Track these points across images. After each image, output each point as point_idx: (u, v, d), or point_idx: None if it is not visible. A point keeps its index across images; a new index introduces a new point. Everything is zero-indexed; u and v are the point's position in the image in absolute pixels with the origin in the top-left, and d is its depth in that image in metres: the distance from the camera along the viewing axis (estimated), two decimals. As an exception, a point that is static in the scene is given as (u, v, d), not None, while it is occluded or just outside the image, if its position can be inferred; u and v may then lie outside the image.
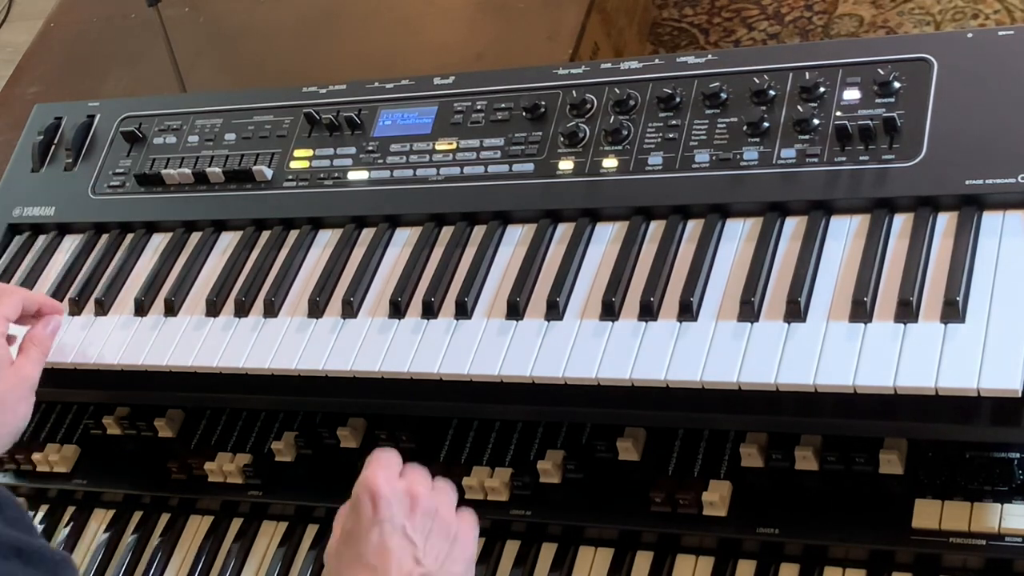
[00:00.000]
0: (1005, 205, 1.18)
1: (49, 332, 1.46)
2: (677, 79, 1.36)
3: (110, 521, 1.55)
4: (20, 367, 1.42)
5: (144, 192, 1.57)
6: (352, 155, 1.48)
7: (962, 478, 1.19)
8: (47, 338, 1.45)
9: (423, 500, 1.16)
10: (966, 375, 1.07)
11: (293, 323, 1.37)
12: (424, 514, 1.15)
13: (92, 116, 1.67)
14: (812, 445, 1.23)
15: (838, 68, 1.30)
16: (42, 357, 1.44)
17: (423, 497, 1.16)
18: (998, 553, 1.15)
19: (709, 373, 1.16)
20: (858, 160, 1.24)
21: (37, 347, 1.44)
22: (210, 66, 2.40)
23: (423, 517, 1.15)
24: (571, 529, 1.33)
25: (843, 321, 1.15)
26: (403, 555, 1.13)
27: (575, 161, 1.36)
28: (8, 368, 1.40)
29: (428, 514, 1.16)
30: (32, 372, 1.42)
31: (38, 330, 1.45)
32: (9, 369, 1.41)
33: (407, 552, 1.13)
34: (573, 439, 1.36)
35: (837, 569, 1.22)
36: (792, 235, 1.24)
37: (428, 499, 1.16)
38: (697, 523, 1.26)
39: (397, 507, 1.14)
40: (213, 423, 1.54)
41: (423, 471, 1.20)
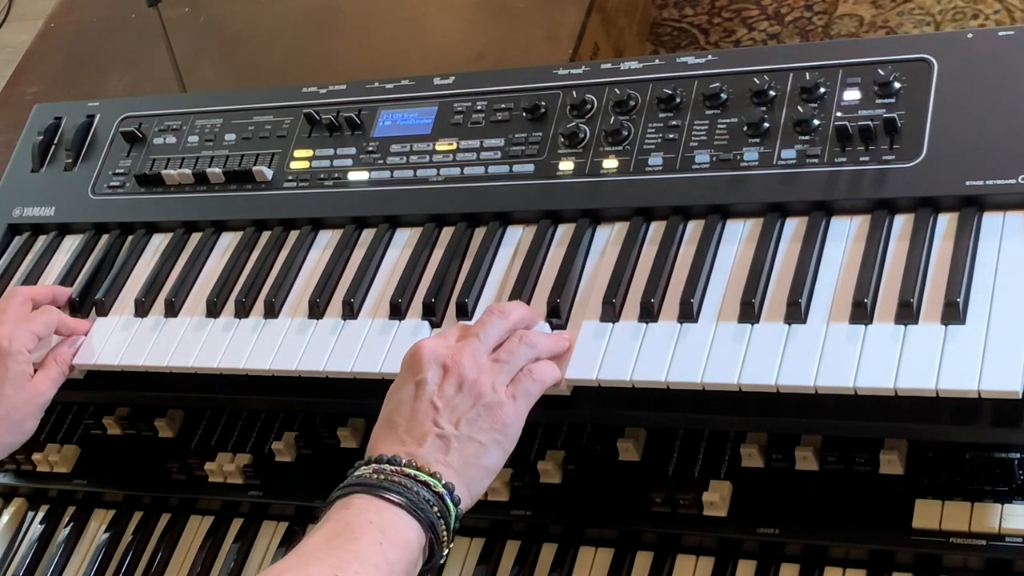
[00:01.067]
0: (1005, 206, 1.18)
1: (74, 351, 1.47)
2: (677, 79, 1.36)
3: (110, 521, 1.55)
4: (37, 383, 1.43)
5: (144, 192, 1.57)
6: (352, 155, 1.48)
7: (962, 478, 1.19)
8: (70, 357, 1.46)
9: (458, 368, 1.17)
10: (966, 377, 1.07)
11: (293, 324, 1.37)
12: (455, 381, 1.16)
13: (92, 116, 1.67)
14: (812, 445, 1.24)
15: (838, 68, 1.30)
16: (61, 377, 1.45)
17: (460, 366, 1.17)
18: (998, 553, 1.15)
19: (710, 374, 1.16)
20: (858, 161, 1.24)
21: (59, 366, 1.45)
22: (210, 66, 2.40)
23: (452, 384, 1.16)
24: (571, 529, 1.33)
25: (843, 322, 1.15)
26: (424, 416, 1.15)
27: (575, 162, 1.36)
28: (27, 383, 1.42)
29: (458, 382, 1.16)
30: (48, 390, 1.44)
31: (63, 349, 1.46)
32: (28, 384, 1.42)
33: (428, 414, 1.15)
34: (573, 439, 1.36)
35: (837, 569, 1.22)
36: (792, 236, 1.24)
37: (465, 368, 1.16)
38: (697, 523, 1.26)
39: (431, 373, 1.17)
40: (213, 423, 1.54)
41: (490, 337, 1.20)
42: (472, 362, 1.17)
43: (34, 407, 1.43)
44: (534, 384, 1.19)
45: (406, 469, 1.12)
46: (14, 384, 1.42)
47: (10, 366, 1.42)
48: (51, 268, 1.58)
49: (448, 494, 1.12)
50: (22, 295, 1.48)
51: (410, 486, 1.11)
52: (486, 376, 1.17)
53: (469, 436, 1.15)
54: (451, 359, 1.17)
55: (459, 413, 1.16)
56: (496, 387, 1.17)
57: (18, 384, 1.42)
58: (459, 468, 1.14)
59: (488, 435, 1.16)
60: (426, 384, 1.17)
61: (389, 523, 1.09)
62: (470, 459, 1.15)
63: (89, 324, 1.48)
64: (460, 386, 1.16)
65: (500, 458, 1.17)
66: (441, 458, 1.14)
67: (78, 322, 1.48)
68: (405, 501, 1.10)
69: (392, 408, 1.18)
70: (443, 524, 1.12)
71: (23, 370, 1.42)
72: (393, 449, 1.14)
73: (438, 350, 1.18)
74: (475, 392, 1.16)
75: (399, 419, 1.17)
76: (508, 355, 1.19)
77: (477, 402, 1.16)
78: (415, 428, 1.15)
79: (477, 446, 1.15)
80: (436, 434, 1.15)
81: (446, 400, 1.16)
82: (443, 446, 1.14)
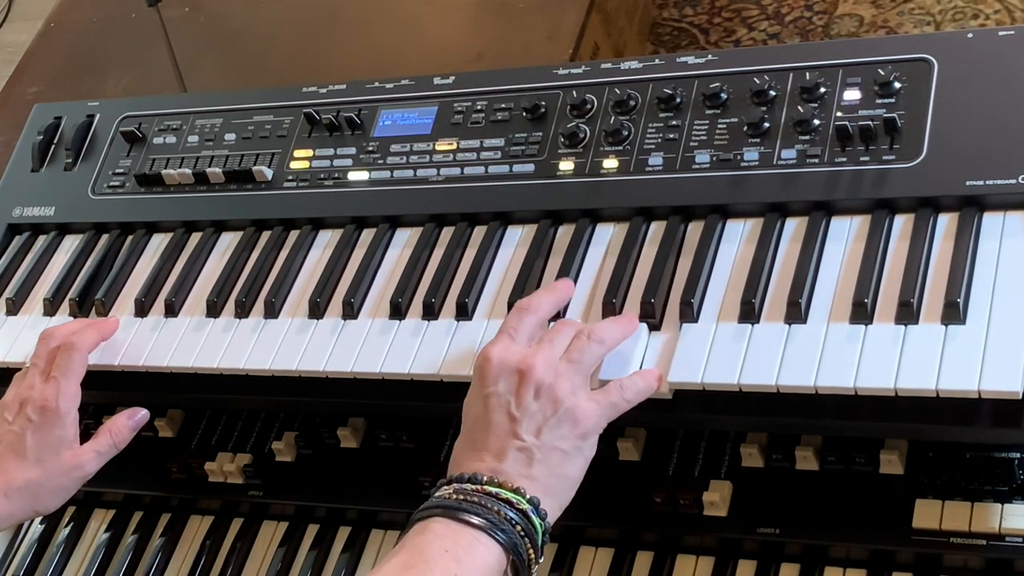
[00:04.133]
0: (1006, 206, 1.18)
1: (132, 424, 1.37)
2: (677, 79, 1.36)
3: (110, 521, 1.55)
4: (79, 454, 1.31)
5: (144, 192, 1.57)
6: (352, 155, 1.48)
7: (962, 478, 1.19)
8: (126, 431, 1.36)
9: (533, 374, 1.12)
10: (967, 377, 1.07)
11: (294, 324, 1.37)
12: (531, 389, 1.12)
13: (92, 116, 1.67)
14: (812, 445, 1.24)
15: (838, 68, 1.30)
16: (112, 451, 1.33)
17: (535, 370, 1.12)
18: (998, 553, 1.15)
19: (710, 375, 1.16)
20: (858, 161, 1.24)
21: (112, 438, 1.33)
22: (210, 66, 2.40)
23: (529, 392, 1.12)
24: (571, 529, 1.33)
25: (844, 323, 1.15)
26: (501, 429, 1.11)
27: (575, 161, 1.36)
28: (66, 451, 1.30)
29: (535, 389, 1.12)
30: (91, 466, 1.31)
31: (120, 420, 1.36)
32: (67, 452, 1.30)
33: (506, 427, 1.11)
34: (573, 439, 1.36)
35: (837, 569, 1.22)
36: (792, 236, 1.24)
37: (540, 373, 1.12)
38: (697, 523, 1.26)
39: (504, 381, 1.12)
40: (213, 423, 1.54)
41: (560, 339, 1.15)
42: (547, 365, 1.13)
43: (68, 480, 1.31)
44: (622, 400, 1.14)
45: (487, 488, 1.08)
46: (52, 449, 1.30)
47: (54, 430, 1.30)
48: (51, 268, 1.58)
49: (534, 509, 1.08)
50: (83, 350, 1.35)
51: (491, 505, 1.07)
52: (563, 379, 1.13)
53: (552, 445, 1.11)
54: (524, 364, 1.13)
55: (539, 421, 1.11)
56: (576, 391, 1.13)
57: (55, 450, 1.30)
58: (544, 480, 1.10)
59: (570, 442, 1.11)
60: (500, 395, 1.12)
61: (466, 549, 1.05)
62: (555, 469, 1.10)
63: (117, 322, 1.44)
64: (538, 392, 1.12)
65: (583, 466, 1.13)
66: (524, 472, 1.10)
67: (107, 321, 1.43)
68: (484, 523, 1.06)
69: (470, 423, 1.15)
70: (528, 543, 1.07)
71: (66, 435, 1.30)
72: (474, 467, 1.10)
73: (507, 357, 1.14)
74: (553, 397, 1.12)
75: (478, 434, 1.12)
76: (580, 354, 1.15)
77: (557, 408, 1.11)
78: (495, 442, 1.11)
79: (560, 454, 1.11)
80: (517, 447, 1.10)
81: (524, 408, 1.11)
82: (526, 459, 1.10)
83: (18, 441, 1.31)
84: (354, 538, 1.42)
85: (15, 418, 1.33)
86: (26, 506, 1.31)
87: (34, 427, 1.31)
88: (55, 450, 1.31)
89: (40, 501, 1.32)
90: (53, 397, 1.32)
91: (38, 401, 1.32)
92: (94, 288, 1.52)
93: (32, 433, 1.31)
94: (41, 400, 1.32)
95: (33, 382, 1.35)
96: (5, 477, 1.29)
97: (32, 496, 1.30)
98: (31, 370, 1.37)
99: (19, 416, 1.33)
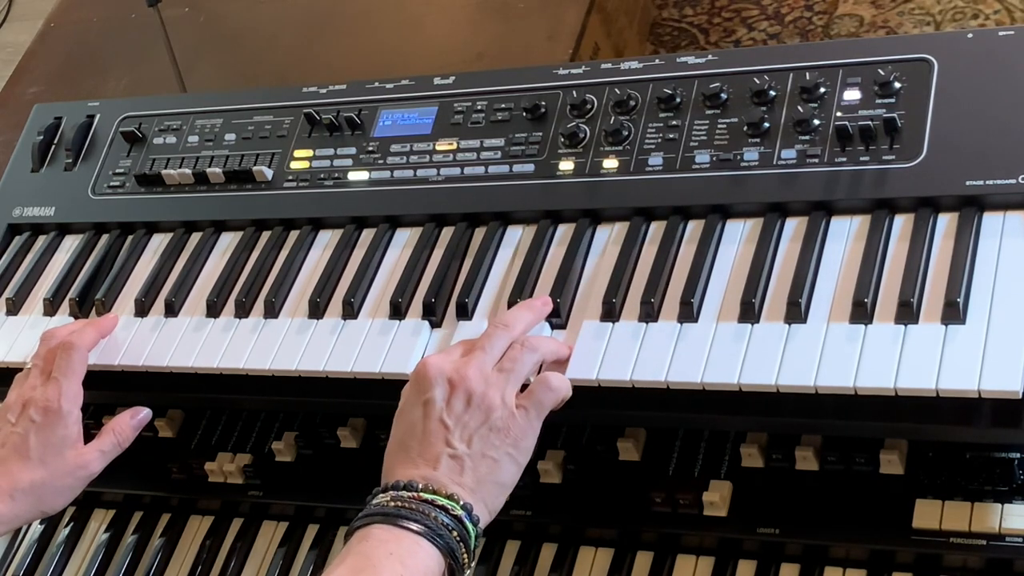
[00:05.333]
0: (1006, 206, 1.18)
1: (135, 423, 1.37)
2: (677, 79, 1.36)
3: (110, 521, 1.55)
4: (83, 454, 1.31)
5: (144, 192, 1.57)
6: (352, 155, 1.48)
7: (962, 478, 1.19)
8: (129, 430, 1.37)
9: (465, 383, 1.15)
10: (967, 376, 1.07)
11: (293, 324, 1.37)
12: (463, 398, 1.14)
13: (92, 116, 1.67)
14: (812, 445, 1.23)
15: (838, 68, 1.30)
16: (116, 450, 1.34)
17: (467, 380, 1.15)
18: (998, 553, 1.15)
19: (710, 374, 1.16)
20: (858, 161, 1.24)
21: (116, 437, 1.34)
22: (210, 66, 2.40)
23: (461, 400, 1.14)
24: (571, 529, 1.33)
25: (844, 322, 1.15)
26: (435, 437, 1.13)
27: (575, 161, 1.36)
28: (70, 451, 1.30)
29: (467, 398, 1.14)
30: (96, 465, 1.32)
31: (124, 419, 1.37)
32: (71, 452, 1.30)
33: (439, 435, 1.13)
34: (573, 439, 1.36)
35: (837, 569, 1.22)
36: (792, 236, 1.24)
37: (472, 382, 1.15)
38: (697, 523, 1.26)
39: (439, 390, 1.15)
40: (213, 423, 1.54)
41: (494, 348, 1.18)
42: (478, 375, 1.16)
43: (73, 480, 1.31)
44: (548, 394, 1.17)
45: (423, 495, 1.10)
46: (56, 450, 1.29)
47: (57, 430, 1.30)
48: (51, 268, 1.58)
49: (467, 515, 1.11)
50: (83, 349, 1.36)
51: (428, 512, 1.09)
52: (494, 389, 1.15)
53: (482, 453, 1.13)
54: (457, 374, 1.15)
55: (470, 430, 1.14)
56: (506, 399, 1.15)
57: (59, 450, 1.29)
58: (475, 487, 1.13)
59: (501, 450, 1.14)
60: (434, 403, 1.15)
61: (409, 553, 1.08)
62: (485, 477, 1.13)
63: (116, 319, 1.45)
64: (469, 401, 1.14)
65: (515, 472, 1.16)
66: (457, 479, 1.12)
67: (106, 319, 1.43)
68: (424, 529, 1.08)
69: (404, 430, 1.17)
70: (463, 548, 1.10)
71: (69, 434, 1.30)
72: (408, 474, 1.13)
73: (443, 366, 1.16)
74: (484, 406, 1.14)
75: (411, 442, 1.15)
76: (512, 363, 1.18)
77: (488, 417, 1.14)
78: (427, 450, 1.13)
79: (491, 463, 1.14)
80: (449, 455, 1.13)
81: (456, 417, 1.14)
82: (457, 467, 1.13)
83: (22, 442, 1.31)
84: (354, 538, 1.42)
85: (18, 419, 1.33)
86: (31, 507, 1.30)
87: (37, 428, 1.31)
88: (59, 450, 1.31)
89: (45, 502, 1.31)
90: (55, 397, 1.32)
91: (40, 402, 1.32)
92: (94, 288, 1.52)
93: (35, 434, 1.31)
94: (43, 401, 1.32)
95: (35, 383, 1.35)
96: (10, 479, 1.29)
97: (37, 497, 1.30)
98: (32, 371, 1.38)
99: (22, 417, 1.32)
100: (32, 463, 1.30)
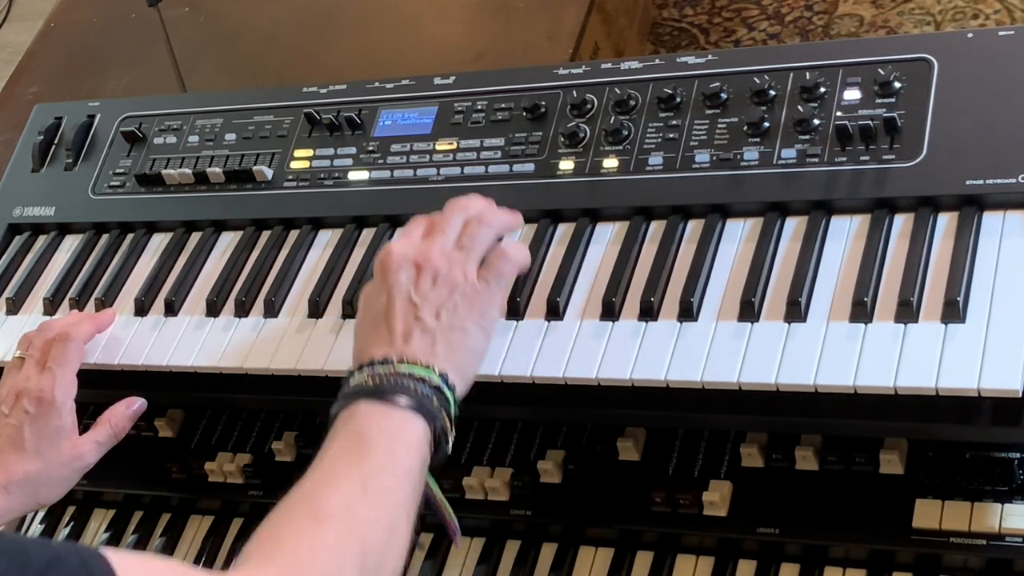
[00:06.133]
0: (1005, 205, 1.18)
1: (131, 414, 1.37)
2: (677, 79, 1.36)
3: (110, 521, 1.55)
4: (79, 444, 1.30)
5: (144, 192, 1.57)
6: (352, 155, 1.48)
7: (962, 478, 1.19)
8: (125, 419, 1.36)
9: (430, 264, 1.18)
10: (966, 375, 1.07)
11: (293, 323, 1.37)
12: (429, 277, 1.18)
13: (92, 116, 1.67)
14: (812, 445, 1.24)
15: (838, 68, 1.30)
16: (112, 441, 1.33)
17: (431, 260, 1.18)
18: (998, 553, 1.15)
19: (709, 373, 1.16)
20: (858, 160, 1.24)
21: (112, 428, 1.33)
22: (210, 66, 2.40)
23: (427, 280, 1.18)
24: (571, 529, 1.33)
25: (843, 321, 1.15)
26: (404, 315, 1.16)
27: (575, 161, 1.36)
28: (65, 441, 1.29)
29: (432, 277, 1.18)
30: (91, 456, 1.31)
31: (119, 409, 1.36)
32: (66, 443, 1.29)
33: (408, 312, 1.16)
34: (573, 439, 1.36)
35: (837, 569, 1.22)
36: (792, 235, 1.24)
37: (436, 262, 1.18)
38: (697, 523, 1.26)
39: (404, 273, 1.18)
40: (213, 423, 1.54)
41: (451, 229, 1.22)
42: (440, 255, 1.19)
43: (69, 472, 1.30)
44: (507, 264, 1.22)
45: (400, 367, 1.13)
46: (51, 441, 1.29)
47: (51, 420, 1.29)
48: (51, 268, 1.58)
49: (444, 383, 1.13)
50: (79, 341, 1.36)
51: (408, 384, 1.12)
52: (457, 266, 1.19)
53: (451, 325, 1.16)
54: (421, 257, 1.19)
55: (437, 305, 1.17)
56: (467, 274, 1.19)
57: (54, 441, 1.29)
58: (448, 357, 1.15)
59: (469, 320, 1.17)
60: (401, 285, 1.17)
61: (398, 426, 1.10)
62: (457, 346, 1.16)
63: (113, 314, 1.45)
64: (435, 280, 1.18)
65: (484, 341, 1.19)
66: (429, 350, 1.15)
67: (104, 313, 1.44)
68: (407, 399, 1.11)
69: (372, 314, 1.19)
70: (444, 414, 1.13)
71: (64, 425, 1.29)
72: (382, 351, 1.15)
73: (407, 251, 1.19)
74: (449, 283, 1.18)
75: (381, 323, 1.17)
76: (470, 240, 1.21)
77: (453, 291, 1.17)
78: (398, 328, 1.16)
79: (460, 333, 1.17)
80: (420, 329, 1.15)
81: (423, 296, 1.17)
82: (429, 339, 1.15)
83: (16, 434, 1.30)
84: (354, 538, 1.42)
85: (11, 410, 1.32)
86: (27, 499, 1.30)
87: (31, 419, 1.30)
88: (54, 441, 1.30)
89: (40, 493, 1.31)
90: (49, 388, 1.31)
91: (34, 392, 1.32)
92: (94, 287, 1.52)
93: (30, 425, 1.30)
94: (37, 391, 1.31)
95: (29, 373, 1.34)
96: (4, 471, 1.29)
97: (32, 489, 1.30)
98: (27, 362, 1.37)
99: (16, 408, 1.32)
100: (27, 454, 1.29)
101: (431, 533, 1.39)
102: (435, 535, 1.39)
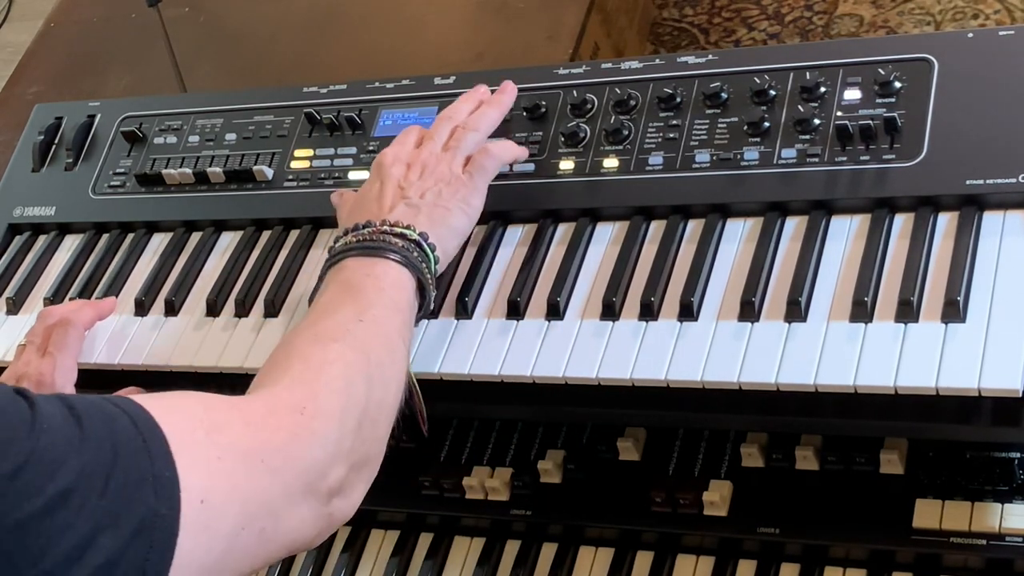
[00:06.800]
0: (1006, 205, 1.18)
1: None
2: (677, 79, 1.36)
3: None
4: None
5: (144, 192, 1.57)
6: (353, 155, 1.48)
7: (963, 478, 1.20)
8: None
9: (419, 161, 1.30)
10: (967, 375, 1.07)
11: (294, 323, 1.37)
12: (418, 171, 1.29)
13: (92, 116, 1.67)
14: (812, 445, 1.24)
15: (838, 68, 1.30)
16: None
17: (421, 158, 1.30)
18: (999, 553, 1.15)
19: (710, 373, 1.16)
20: (859, 160, 1.24)
21: None
22: (210, 66, 2.40)
23: (416, 172, 1.29)
24: (571, 529, 1.33)
25: (844, 321, 1.15)
26: (391, 194, 1.27)
27: (575, 161, 1.36)
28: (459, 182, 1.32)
29: (421, 170, 1.29)
30: None
31: None
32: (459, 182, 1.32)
33: (396, 193, 1.27)
34: (573, 439, 1.36)
35: (837, 569, 1.22)
36: (792, 235, 1.24)
37: (425, 159, 1.30)
38: (697, 523, 1.27)
39: (396, 168, 1.30)
40: (213, 423, 1.54)
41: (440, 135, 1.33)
42: (430, 155, 1.30)
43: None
44: (489, 160, 1.31)
45: (382, 228, 1.23)
46: None
47: None
48: (51, 268, 1.58)
49: (423, 240, 1.23)
50: (80, 327, 1.37)
51: (390, 239, 1.21)
52: (444, 163, 1.29)
53: (434, 203, 1.26)
54: (412, 157, 1.30)
55: (423, 188, 1.27)
56: (453, 168, 1.29)
57: None
58: (429, 226, 1.24)
59: (452, 202, 1.27)
60: (392, 175, 1.29)
61: (383, 272, 1.20)
62: (438, 220, 1.25)
63: (114, 302, 1.46)
64: (422, 173, 1.29)
65: (466, 223, 1.29)
66: (411, 218, 1.24)
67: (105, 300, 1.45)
68: (392, 252, 1.20)
69: (360, 198, 1.30)
70: (426, 268, 1.22)
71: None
72: (366, 217, 1.25)
73: (399, 154, 1.31)
74: (436, 175, 1.28)
75: (368, 201, 1.27)
76: (457, 142, 1.32)
77: (438, 180, 1.28)
78: (385, 201, 1.26)
79: (443, 210, 1.26)
80: (405, 203, 1.26)
81: (410, 183, 1.28)
82: (412, 210, 1.25)
83: None
84: (354, 538, 1.42)
85: None
86: None
87: None
88: None
89: None
90: (49, 372, 1.32)
91: (34, 376, 1.32)
92: (94, 287, 1.52)
93: None
94: (37, 375, 1.32)
95: (29, 358, 1.35)
96: None
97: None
98: (28, 347, 1.37)
99: None
100: None
101: (431, 533, 1.40)
102: (435, 535, 1.39)
